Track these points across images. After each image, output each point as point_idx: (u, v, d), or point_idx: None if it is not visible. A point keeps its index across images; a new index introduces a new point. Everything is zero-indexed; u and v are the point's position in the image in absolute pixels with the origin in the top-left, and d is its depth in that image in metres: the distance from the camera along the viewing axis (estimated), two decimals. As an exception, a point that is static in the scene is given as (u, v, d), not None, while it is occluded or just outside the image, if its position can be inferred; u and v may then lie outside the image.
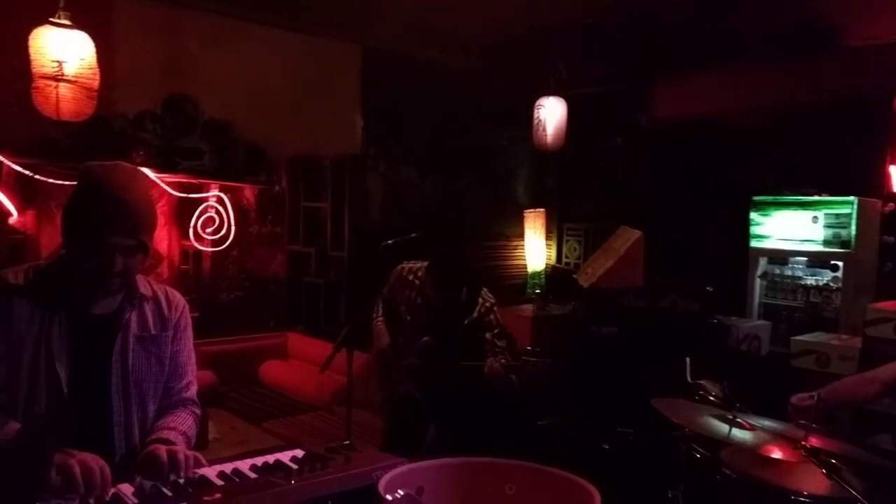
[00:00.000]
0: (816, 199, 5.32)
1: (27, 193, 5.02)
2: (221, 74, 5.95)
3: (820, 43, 5.27)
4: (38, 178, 4.91)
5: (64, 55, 3.77)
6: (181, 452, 1.74)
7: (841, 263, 5.21)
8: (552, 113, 5.96)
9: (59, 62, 3.73)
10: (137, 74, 5.49)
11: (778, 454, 2.28)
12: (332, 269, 6.60)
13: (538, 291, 7.14)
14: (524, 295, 7.48)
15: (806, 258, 5.48)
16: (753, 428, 2.40)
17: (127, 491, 1.59)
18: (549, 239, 7.82)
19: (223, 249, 6.22)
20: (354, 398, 3.60)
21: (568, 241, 7.87)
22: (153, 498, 1.54)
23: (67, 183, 4.66)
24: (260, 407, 5.62)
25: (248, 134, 6.19)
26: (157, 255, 5.85)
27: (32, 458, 1.62)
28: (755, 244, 5.64)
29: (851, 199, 5.11)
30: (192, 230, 5.98)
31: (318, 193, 6.69)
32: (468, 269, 3.68)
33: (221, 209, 6.10)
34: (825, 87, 5.40)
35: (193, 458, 1.76)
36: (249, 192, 6.44)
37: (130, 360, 1.92)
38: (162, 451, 1.74)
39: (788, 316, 5.47)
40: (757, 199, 5.61)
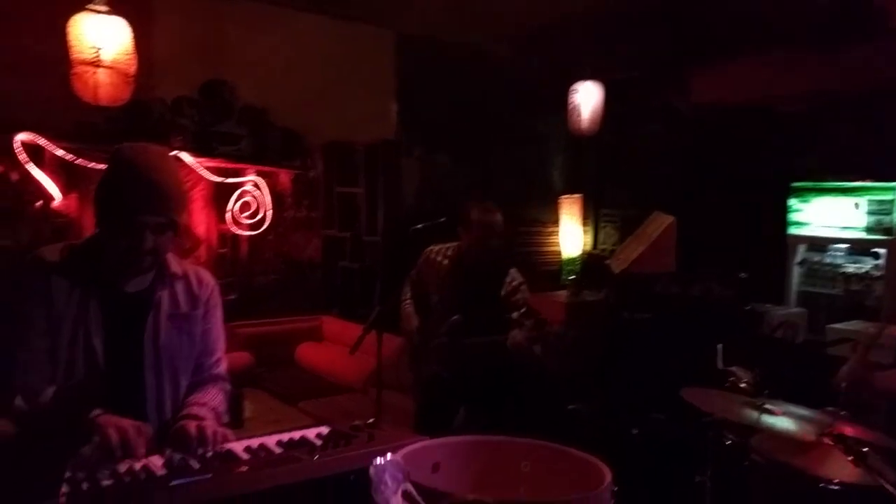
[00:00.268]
0: (858, 185, 5.21)
1: (70, 178, 5.14)
2: (257, 60, 6.00)
3: (864, 27, 5.13)
4: (79, 162, 5.03)
5: (102, 41, 3.85)
6: (209, 427, 1.79)
7: (883, 251, 5.10)
8: (588, 98, 5.91)
9: (96, 48, 3.81)
10: (174, 60, 5.57)
11: (807, 441, 2.25)
12: (366, 253, 6.66)
13: (572, 278, 7.10)
14: (559, 282, 7.44)
15: (846, 245, 5.38)
16: (783, 415, 2.38)
17: (157, 463, 1.63)
18: (585, 225, 7.76)
19: (260, 233, 6.31)
20: (386, 380, 3.64)
21: (604, 227, 7.79)
22: (181, 470, 1.58)
23: (108, 167, 4.76)
24: (295, 387, 5.69)
25: (283, 119, 6.26)
26: (195, 238, 5.95)
27: (67, 420, 1.69)
28: (794, 231, 5.54)
29: (895, 185, 4.99)
30: (229, 214, 6.07)
31: (352, 179, 6.74)
32: (500, 236, 3.68)
33: (258, 194, 6.18)
34: (868, 72, 5.26)
35: (221, 433, 1.81)
36: (285, 176, 6.51)
37: (162, 337, 1.97)
38: (191, 425, 1.79)
39: (826, 304, 5.37)
40: (796, 185, 5.51)
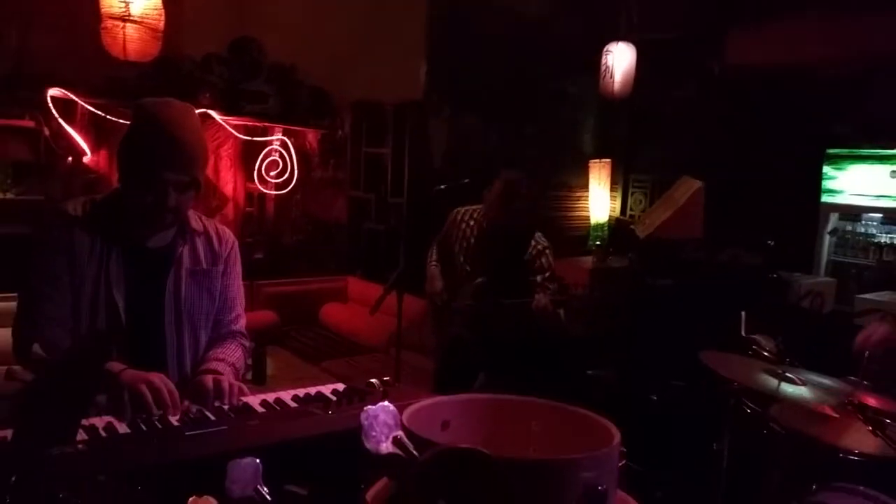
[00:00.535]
0: (895, 152, 5.08)
1: (100, 133, 5.19)
2: (286, 17, 5.98)
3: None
4: (109, 118, 5.07)
5: (130, -5, 3.86)
6: (226, 381, 1.83)
7: (919, 221, 5.00)
8: (621, 59, 5.80)
9: (125, 3, 3.83)
10: (204, 17, 5.57)
11: (827, 411, 2.23)
12: (391, 215, 6.65)
13: (598, 243, 7.05)
14: (586, 247, 7.39)
15: (881, 215, 5.26)
16: (804, 383, 2.35)
17: (175, 415, 1.66)
18: (613, 190, 7.67)
19: (286, 193, 6.34)
20: (409, 341, 3.67)
21: (633, 192, 7.69)
22: (197, 422, 1.61)
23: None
24: (319, 347, 5.77)
25: (311, 78, 6.23)
26: (222, 196, 6.00)
27: (86, 369, 1.71)
28: (826, 199, 5.44)
29: (933, 153, 4.88)
30: (256, 173, 6.10)
31: (380, 139, 6.69)
32: (524, 200, 3.66)
33: (285, 153, 6.20)
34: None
35: (238, 387, 1.84)
36: (312, 136, 6.51)
37: (183, 292, 1.99)
38: (209, 379, 1.83)
39: (857, 274, 5.28)
40: (831, 151, 5.39)
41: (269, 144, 6.13)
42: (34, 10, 4.78)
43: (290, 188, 6.31)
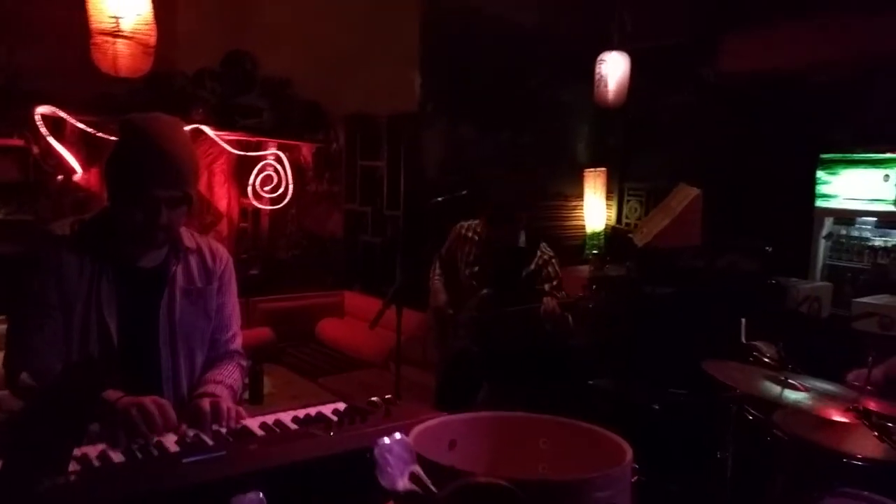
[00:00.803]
0: (889, 156, 5.08)
1: (90, 151, 5.14)
2: (279, 31, 5.96)
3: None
4: (100, 135, 5.03)
5: (121, 11, 3.81)
6: (224, 404, 1.78)
7: (913, 224, 4.98)
8: (614, 68, 5.80)
9: (116, 18, 3.78)
10: (196, 32, 5.55)
11: (831, 416, 2.21)
12: (388, 227, 6.62)
13: (595, 252, 7.04)
14: (582, 256, 7.37)
15: (875, 218, 5.26)
16: (806, 389, 2.34)
17: (170, 440, 1.62)
18: (609, 199, 7.67)
19: (281, 208, 6.30)
20: (409, 356, 3.64)
21: (629, 201, 7.68)
22: (195, 447, 1.57)
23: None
24: (316, 363, 5.72)
25: (305, 91, 6.21)
26: (216, 212, 5.96)
27: (78, 396, 1.67)
28: (821, 204, 5.43)
29: (927, 156, 4.87)
30: (250, 188, 6.07)
31: (374, 152, 6.67)
32: (524, 206, 3.67)
33: (279, 167, 6.17)
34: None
35: (236, 410, 1.80)
36: (307, 150, 6.49)
37: (177, 312, 1.95)
38: (206, 402, 1.78)
39: (853, 277, 5.27)
40: (825, 156, 5.39)
41: (263, 159, 6.10)
42: (22, 26, 4.74)
43: (284, 203, 6.28)
